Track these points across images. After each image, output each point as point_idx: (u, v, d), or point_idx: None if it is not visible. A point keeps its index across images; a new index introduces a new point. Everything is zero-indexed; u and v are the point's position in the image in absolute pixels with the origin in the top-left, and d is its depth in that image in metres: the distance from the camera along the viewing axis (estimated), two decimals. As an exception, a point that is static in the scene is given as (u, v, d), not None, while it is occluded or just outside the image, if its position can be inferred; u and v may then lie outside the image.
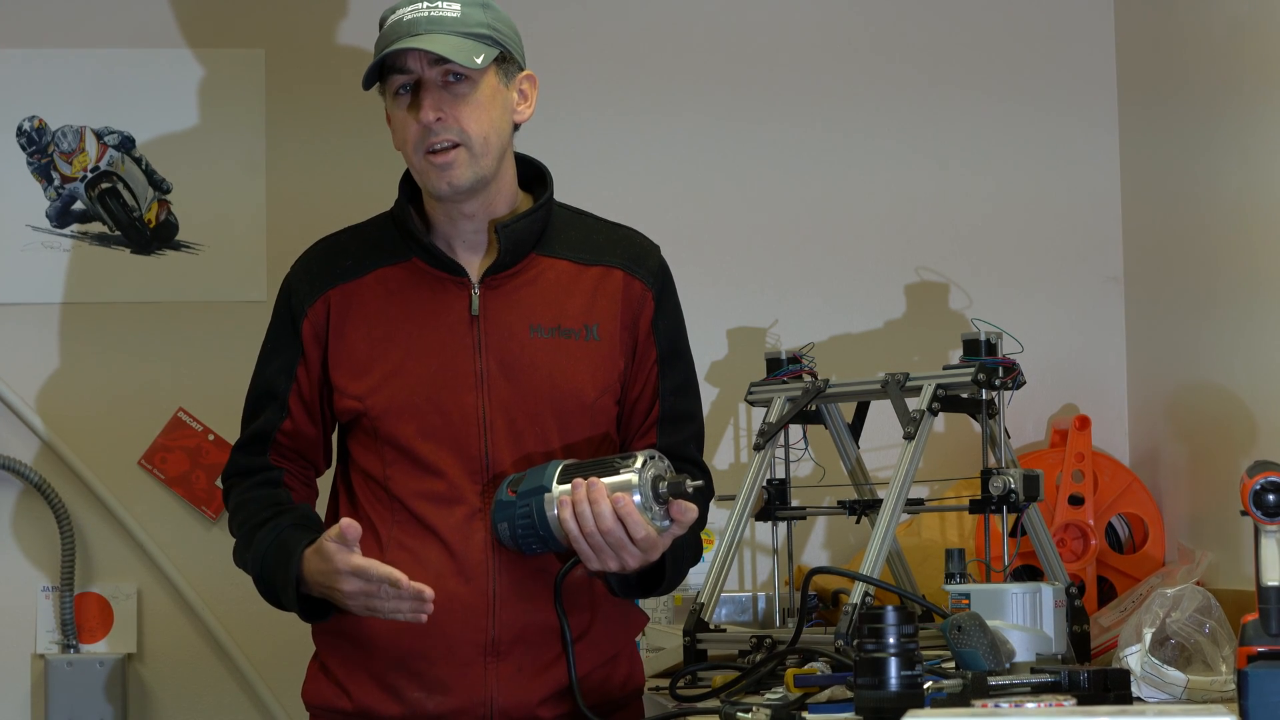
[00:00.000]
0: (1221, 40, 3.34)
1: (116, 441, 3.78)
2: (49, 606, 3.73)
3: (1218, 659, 2.66)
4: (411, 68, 2.68)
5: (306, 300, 2.78)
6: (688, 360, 2.87)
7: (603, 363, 2.75)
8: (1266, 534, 2.11)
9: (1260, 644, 2.09)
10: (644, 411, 2.81)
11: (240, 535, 2.79)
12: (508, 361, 2.72)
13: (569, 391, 2.73)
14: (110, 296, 3.79)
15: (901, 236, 3.83)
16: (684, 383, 2.85)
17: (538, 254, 2.77)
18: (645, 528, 2.57)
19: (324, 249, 2.85)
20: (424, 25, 2.66)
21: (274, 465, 2.82)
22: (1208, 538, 3.39)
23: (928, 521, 3.53)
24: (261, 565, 2.72)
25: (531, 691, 2.69)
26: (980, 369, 2.95)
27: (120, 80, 3.80)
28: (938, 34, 3.87)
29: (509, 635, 2.68)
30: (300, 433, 2.82)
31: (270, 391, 2.81)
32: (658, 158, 3.83)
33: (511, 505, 2.62)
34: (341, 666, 2.75)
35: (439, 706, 2.69)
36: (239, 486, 2.83)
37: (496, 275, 2.74)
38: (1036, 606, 2.64)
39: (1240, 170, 3.27)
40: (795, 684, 2.57)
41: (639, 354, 2.79)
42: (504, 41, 2.71)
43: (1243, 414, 3.25)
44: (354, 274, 2.78)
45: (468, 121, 2.67)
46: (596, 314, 2.76)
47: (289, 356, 2.80)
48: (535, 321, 2.73)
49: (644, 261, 2.81)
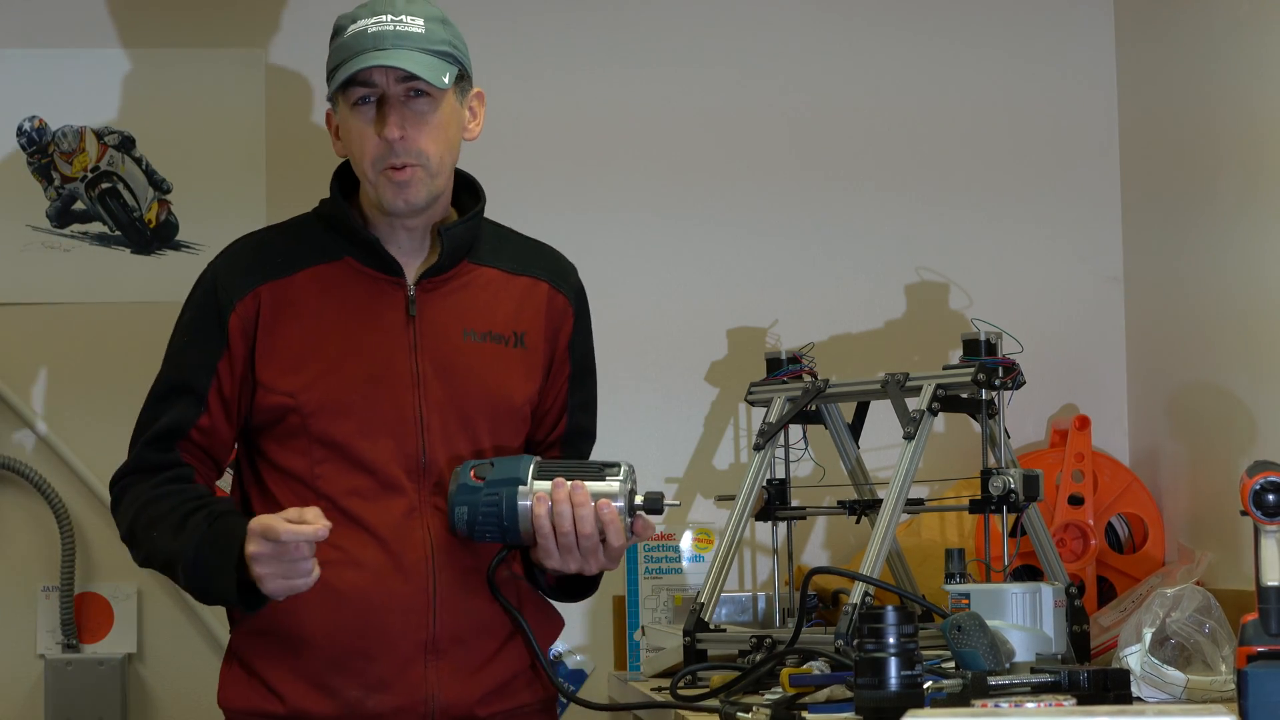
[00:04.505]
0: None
1: (116, 441, 3.76)
2: (49, 606, 3.72)
3: (1217, 659, 2.66)
4: (376, 81, 2.65)
5: (235, 294, 2.73)
6: (593, 379, 2.91)
7: (529, 370, 2.79)
8: (1266, 534, 2.11)
9: (1260, 644, 2.09)
10: (550, 425, 2.84)
11: (160, 525, 2.66)
12: (442, 364, 2.72)
13: (501, 396, 2.75)
14: (110, 296, 3.78)
15: (903, 235, 3.83)
16: (588, 399, 2.89)
17: (470, 261, 2.78)
18: (624, 536, 2.62)
19: (250, 246, 2.81)
20: (390, 40, 2.64)
21: (183, 461, 2.74)
22: (1208, 538, 3.38)
23: (928, 521, 3.53)
24: (197, 550, 2.61)
25: (470, 689, 2.70)
26: (980, 369, 2.95)
27: (120, 80, 3.80)
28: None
29: (448, 633, 2.68)
30: (215, 430, 2.74)
31: (185, 386, 2.73)
32: (658, 157, 3.83)
33: (476, 491, 2.62)
34: (271, 668, 2.69)
35: (378, 705, 2.66)
36: (145, 483, 2.72)
37: (433, 278, 2.75)
38: (1036, 606, 2.64)
39: (1240, 173, 3.28)
40: (790, 684, 2.57)
41: (554, 367, 2.83)
42: (461, 59, 2.71)
43: (1243, 414, 3.25)
44: (285, 271, 2.74)
45: (427, 142, 2.66)
46: (524, 322, 2.79)
47: (210, 351, 2.72)
48: (468, 326, 2.75)
49: (566, 278, 2.86)
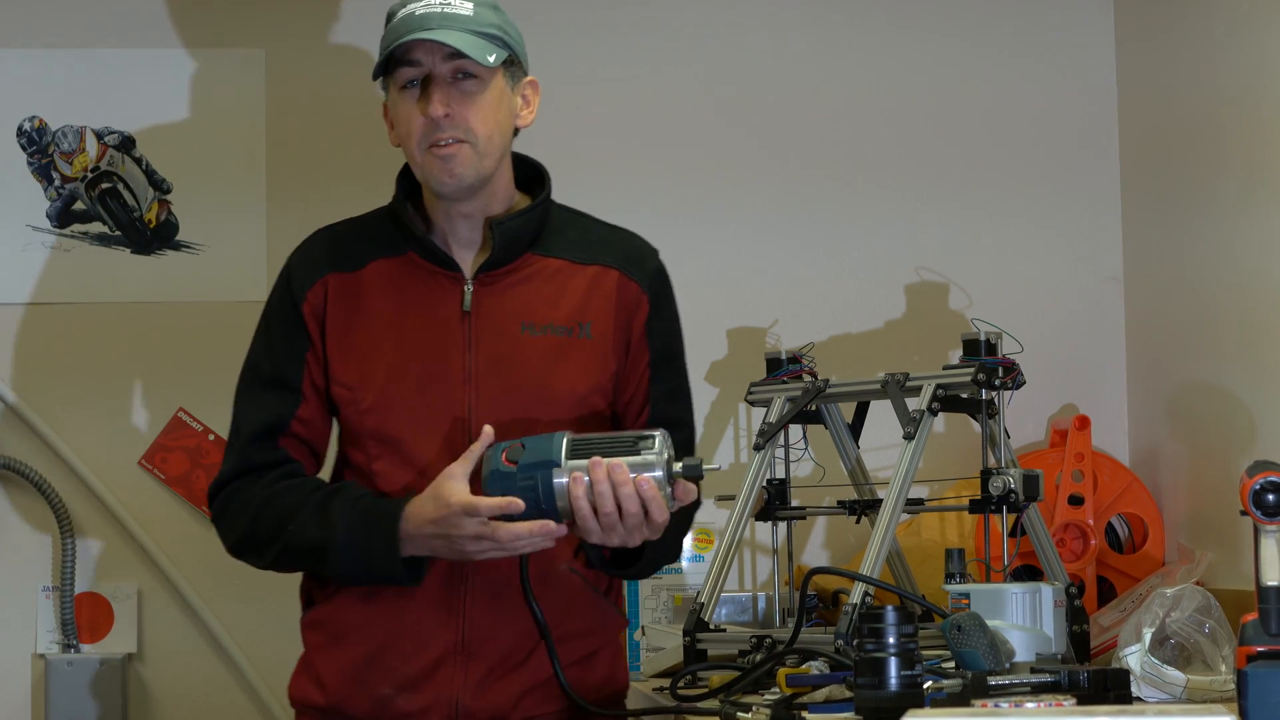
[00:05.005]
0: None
1: (116, 441, 3.77)
2: (49, 606, 3.72)
3: (1217, 659, 2.66)
4: (422, 61, 2.66)
5: (306, 284, 2.76)
6: (680, 367, 2.84)
7: (593, 361, 2.74)
8: (1266, 534, 2.11)
9: (1260, 644, 2.08)
10: (634, 416, 2.78)
11: (295, 519, 2.65)
12: (497, 358, 2.70)
13: (557, 389, 2.71)
14: (110, 296, 3.78)
15: (903, 235, 3.83)
16: (675, 389, 2.82)
17: (533, 253, 2.76)
18: (666, 511, 2.52)
19: (322, 238, 2.84)
20: (437, 20, 2.65)
21: (291, 458, 2.73)
22: (1208, 538, 3.38)
23: (928, 521, 3.53)
24: (349, 534, 2.60)
25: (500, 692, 2.67)
26: (980, 369, 2.95)
27: (120, 80, 3.79)
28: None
29: (479, 635, 2.67)
30: (314, 421, 2.75)
31: (278, 380, 2.75)
32: (658, 157, 3.83)
33: (510, 477, 2.52)
34: (321, 659, 2.72)
35: (407, 704, 2.66)
36: (256, 484, 2.70)
37: (490, 272, 2.74)
38: (1036, 606, 2.64)
39: (1240, 172, 3.27)
40: (788, 684, 2.57)
41: (631, 357, 2.77)
42: (512, 45, 2.72)
43: (1243, 414, 3.25)
44: (352, 264, 2.76)
45: (475, 120, 2.67)
46: (590, 313, 2.74)
47: (296, 343, 2.75)
48: (527, 319, 2.72)
49: (641, 264, 2.80)
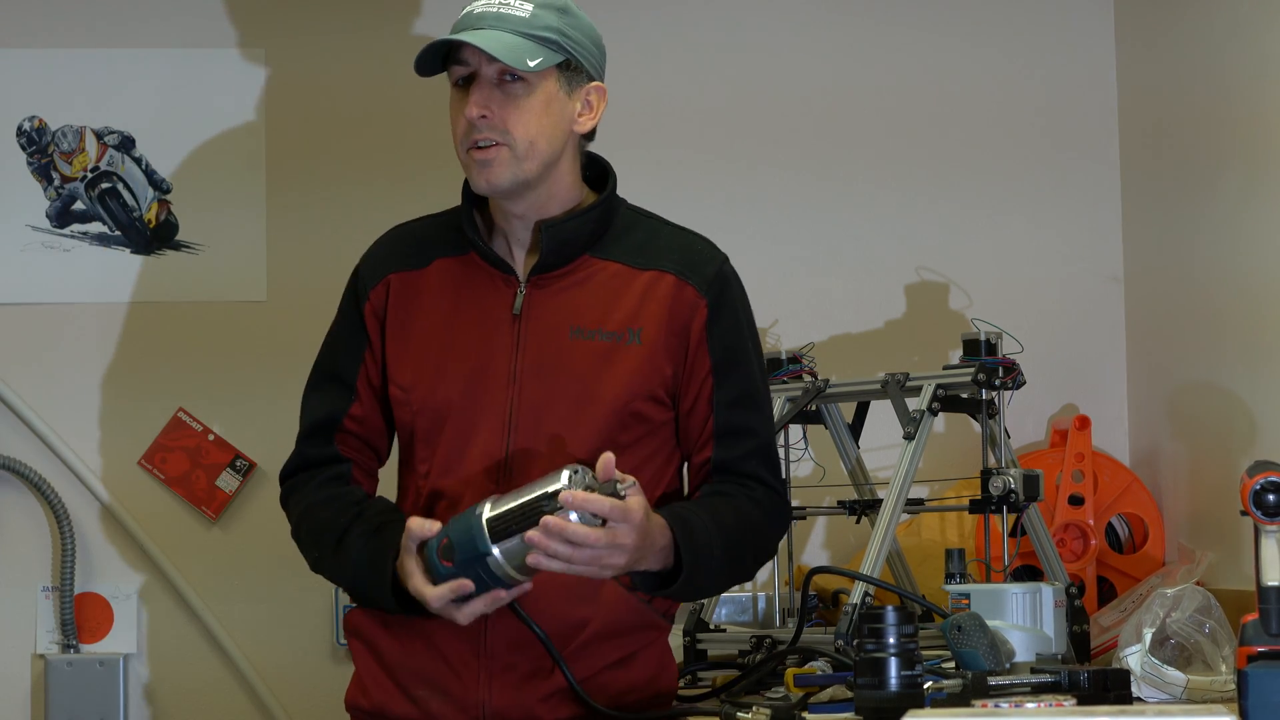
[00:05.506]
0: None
1: (116, 441, 3.77)
2: (49, 606, 3.72)
3: (1218, 659, 2.66)
4: (469, 61, 2.64)
5: (369, 283, 2.76)
6: (748, 374, 2.74)
7: (642, 367, 2.68)
8: (1266, 534, 2.11)
9: (1260, 644, 2.09)
10: (699, 424, 2.71)
11: (320, 546, 2.72)
12: (543, 363, 2.67)
13: (601, 394, 2.66)
14: (110, 296, 3.78)
15: (903, 234, 3.83)
16: (742, 395, 2.71)
17: (591, 255, 2.72)
18: (588, 531, 2.44)
19: (392, 237, 2.83)
20: (490, 20, 2.62)
21: (342, 456, 2.76)
22: (1208, 538, 3.38)
23: (928, 521, 3.53)
24: (354, 576, 2.67)
25: (522, 697, 2.65)
26: (980, 369, 2.95)
27: (120, 80, 3.79)
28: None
29: (503, 640, 2.65)
30: (368, 419, 2.76)
31: (335, 376, 2.76)
32: (657, 157, 3.83)
33: (454, 573, 2.51)
34: (364, 665, 2.74)
35: (441, 708, 2.67)
36: (308, 484, 2.76)
37: (544, 275, 2.70)
38: (1036, 606, 2.64)
39: (1240, 172, 3.28)
40: (795, 684, 2.57)
41: (690, 363, 2.70)
42: (573, 49, 2.66)
43: (1243, 414, 3.25)
44: (416, 263, 2.75)
45: (515, 123, 2.63)
46: (643, 318, 2.68)
47: (356, 341, 2.76)
48: (577, 323, 2.68)
49: (700, 268, 2.72)
